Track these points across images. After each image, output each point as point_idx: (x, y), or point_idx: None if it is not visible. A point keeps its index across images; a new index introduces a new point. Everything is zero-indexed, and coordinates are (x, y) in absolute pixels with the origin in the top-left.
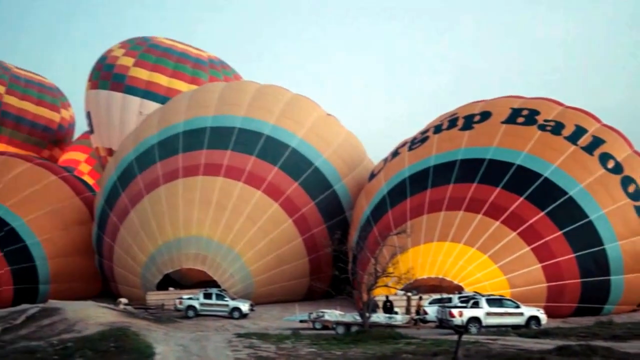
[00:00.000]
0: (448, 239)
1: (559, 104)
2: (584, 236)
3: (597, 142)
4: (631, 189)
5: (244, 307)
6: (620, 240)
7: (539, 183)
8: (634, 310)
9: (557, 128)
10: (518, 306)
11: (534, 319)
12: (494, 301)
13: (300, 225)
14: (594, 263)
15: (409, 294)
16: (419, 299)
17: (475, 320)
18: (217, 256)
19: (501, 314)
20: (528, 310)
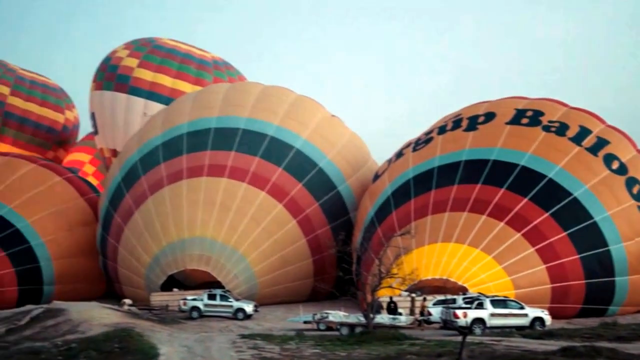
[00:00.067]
0: (452, 239)
1: (564, 104)
2: (588, 237)
3: (602, 143)
4: (636, 190)
5: (248, 308)
6: (625, 241)
7: (544, 184)
8: (639, 312)
9: (562, 129)
10: (522, 307)
11: (538, 320)
12: (498, 302)
13: (304, 226)
14: (599, 264)
15: (413, 295)
16: (423, 300)
17: (479, 321)
18: (221, 257)
19: (505, 315)
20: (532, 312)
